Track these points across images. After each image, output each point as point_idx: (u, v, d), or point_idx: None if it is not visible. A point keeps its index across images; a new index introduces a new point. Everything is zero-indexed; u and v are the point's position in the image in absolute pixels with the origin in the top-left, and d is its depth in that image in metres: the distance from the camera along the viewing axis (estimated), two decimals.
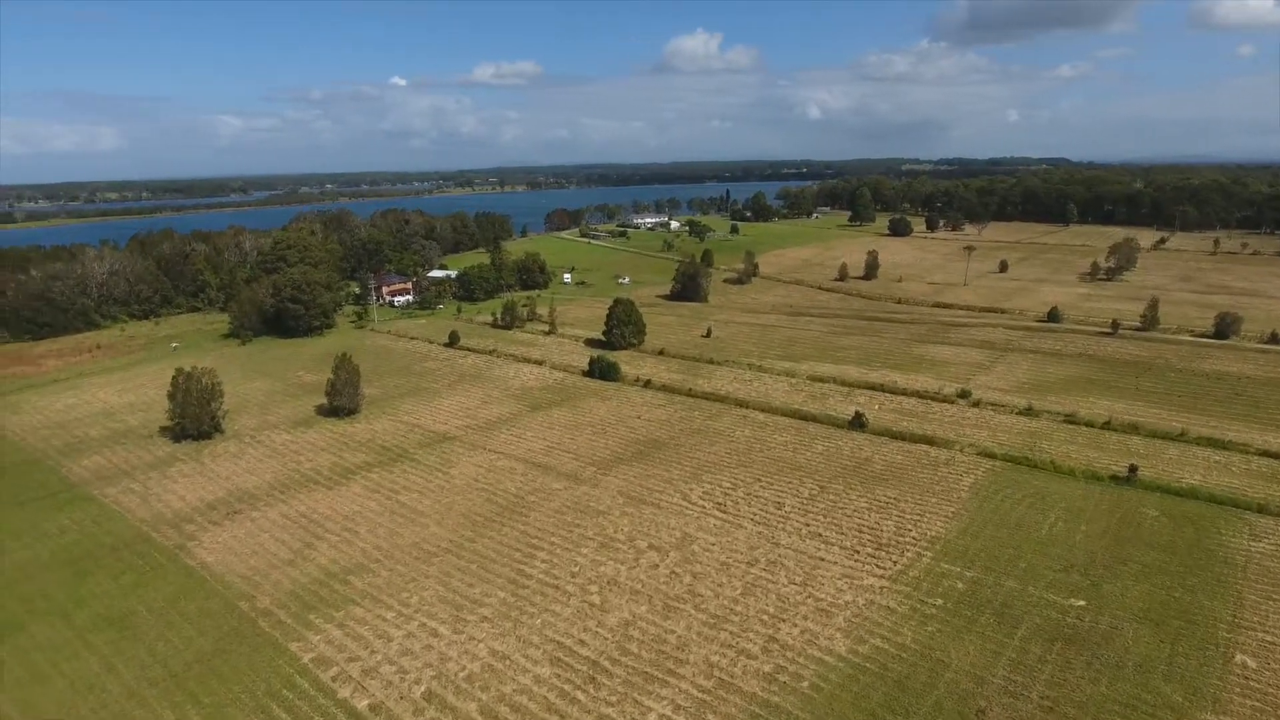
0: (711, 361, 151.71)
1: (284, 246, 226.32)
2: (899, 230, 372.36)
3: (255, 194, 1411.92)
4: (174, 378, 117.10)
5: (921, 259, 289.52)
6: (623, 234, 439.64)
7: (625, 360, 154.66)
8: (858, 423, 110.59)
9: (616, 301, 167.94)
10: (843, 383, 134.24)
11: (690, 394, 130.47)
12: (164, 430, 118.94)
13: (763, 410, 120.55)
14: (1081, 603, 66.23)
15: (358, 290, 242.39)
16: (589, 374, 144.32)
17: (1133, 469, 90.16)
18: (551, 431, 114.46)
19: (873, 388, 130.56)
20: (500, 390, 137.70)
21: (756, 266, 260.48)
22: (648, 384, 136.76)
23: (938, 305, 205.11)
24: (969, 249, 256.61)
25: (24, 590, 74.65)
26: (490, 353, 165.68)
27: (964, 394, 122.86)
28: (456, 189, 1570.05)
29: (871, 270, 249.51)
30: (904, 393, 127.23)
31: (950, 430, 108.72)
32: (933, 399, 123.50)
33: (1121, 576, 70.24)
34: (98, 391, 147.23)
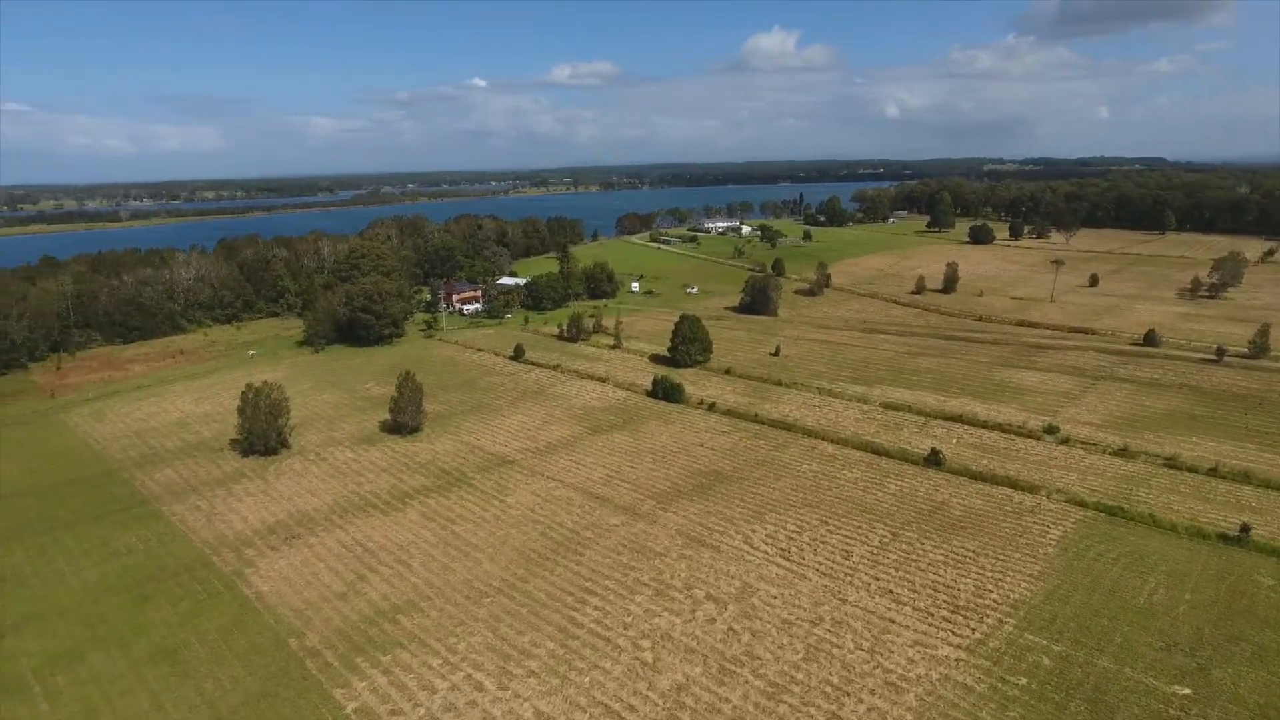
0: (779, 383, 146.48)
1: (358, 255, 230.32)
2: (980, 238, 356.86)
3: (341, 194, 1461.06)
4: (244, 392, 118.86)
5: (1004, 270, 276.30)
6: (693, 239, 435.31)
7: (690, 379, 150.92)
8: (934, 459, 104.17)
9: (683, 318, 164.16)
10: (918, 411, 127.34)
11: (756, 420, 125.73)
12: (234, 444, 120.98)
13: (832, 441, 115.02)
14: (1187, 691, 59.46)
15: (429, 297, 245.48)
16: (652, 394, 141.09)
17: (1245, 528, 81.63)
18: (611, 458, 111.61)
19: (950, 418, 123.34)
20: (562, 409, 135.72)
21: (829, 277, 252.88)
22: (712, 407, 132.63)
23: (1022, 324, 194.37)
24: (1057, 263, 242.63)
25: (88, 613, 75.81)
26: (554, 368, 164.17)
27: (1051, 429, 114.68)
28: (532, 189, 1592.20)
29: (950, 283, 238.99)
30: (984, 425, 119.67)
31: (1035, 471, 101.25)
32: (1016, 433, 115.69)
33: (1233, 660, 62.96)
34: (177, 400, 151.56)
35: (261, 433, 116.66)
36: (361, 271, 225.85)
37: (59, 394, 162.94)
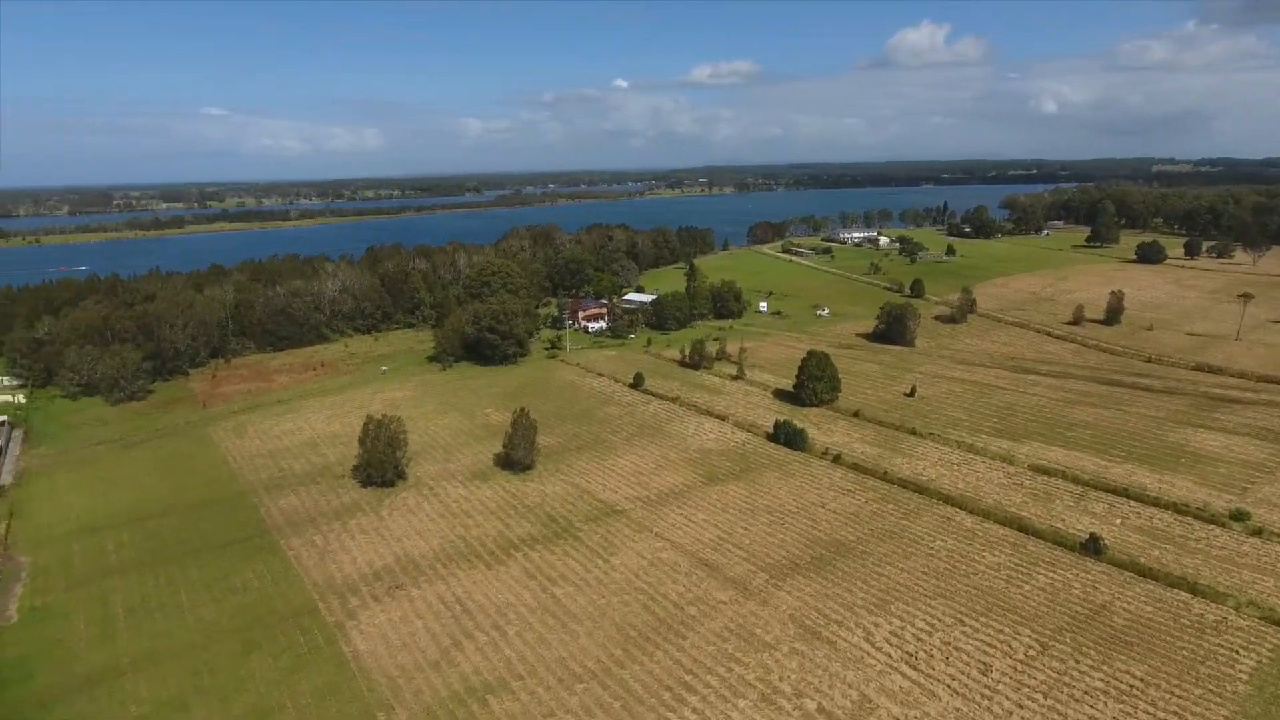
0: (913, 432, 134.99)
1: (489, 273, 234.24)
2: (1149, 256, 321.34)
3: (486, 193, 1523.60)
4: (365, 423, 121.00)
5: (1178, 298, 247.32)
6: (827, 250, 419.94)
7: (815, 421, 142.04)
8: (1093, 546, 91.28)
9: (810, 354, 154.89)
10: (1074, 479, 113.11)
11: (885, 478, 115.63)
12: (355, 471, 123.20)
13: (971, 512, 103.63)
14: None
15: (556, 312, 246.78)
16: (773, 438, 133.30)
17: None
18: (725, 515, 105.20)
19: (1113, 491, 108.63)
20: (677, 451, 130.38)
21: (973, 302, 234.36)
22: (837, 459, 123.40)
23: (1200, 368, 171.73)
24: (1245, 297, 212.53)
25: (198, 660, 77.49)
26: (673, 400, 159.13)
27: (1239, 515, 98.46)
28: (667, 190, 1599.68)
29: (1114, 313, 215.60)
30: (1155, 503, 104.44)
31: (1220, 572, 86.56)
32: (1195, 517, 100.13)
33: None
34: (310, 417, 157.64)
35: (379, 465, 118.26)
36: (491, 289, 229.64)
37: (210, 404, 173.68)
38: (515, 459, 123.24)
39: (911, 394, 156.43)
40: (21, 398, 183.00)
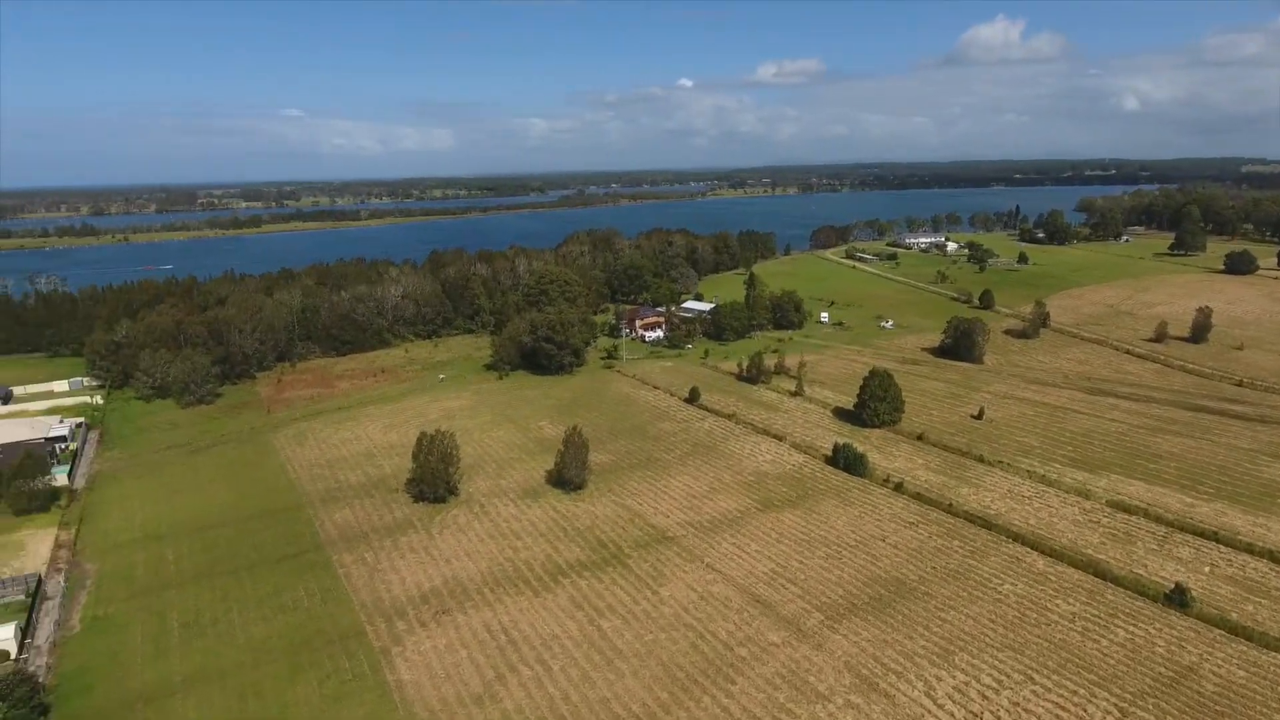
0: (981, 460, 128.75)
1: (547, 281, 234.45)
2: (1239, 267, 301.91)
3: (550, 193, 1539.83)
4: (419, 438, 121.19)
5: (1272, 314, 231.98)
6: (892, 256, 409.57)
7: (876, 444, 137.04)
8: (1178, 598, 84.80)
9: (873, 373, 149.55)
10: (1157, 518, 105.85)
11: (950, 510, 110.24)
12: (408, 484, 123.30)
13: (1043, 552, 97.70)
14: None
15: (613, 320, 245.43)
16: (832, 461, 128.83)
17: None
18: (780, 546, 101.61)
19: (1200, 533, 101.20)
20: (732, 473, 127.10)
21: (1046, 315, 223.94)
22: (899, 487, 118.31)
23: None
24: None
25: (245, 681, 77.96)
26: (729, 417, 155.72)
27: None
28: (729, 190, 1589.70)
29: (1201, 330, 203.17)
30: (1249, 549, 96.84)
31: None
32: None
33: None
34: (369, 426, 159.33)
35: (431, 480, 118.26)
36: (549, 298, 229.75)
37: (274, 410, 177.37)
38: (567, 478, 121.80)
39: (979, 416, 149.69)
40: (99, 398, 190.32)
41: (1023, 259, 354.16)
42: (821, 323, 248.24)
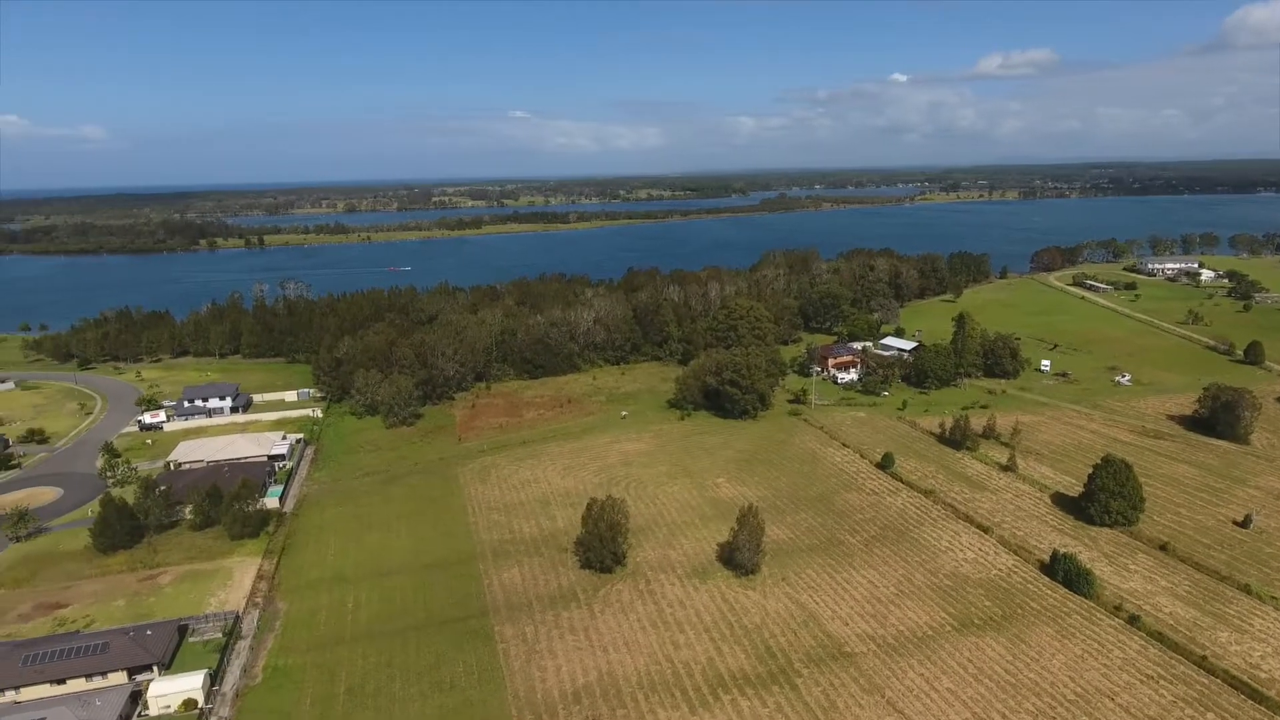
0: (1247, 590, 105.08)
1: (736, 316, 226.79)
2: None
3: (752, 195, 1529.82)
4: (589, 505, 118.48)
5: None
6: (1130, 286, 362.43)
7: (1106, 550, 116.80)
8: None
9: (1106, 461, 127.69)
10: None
11: (1203, 665, 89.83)
12: (577, 545, 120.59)
13: None
14: None
15: (804, 356, 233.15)
16: (1049, 571, 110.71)
17: None
18: (978, 687, 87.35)
19: None
20: (925, 573, 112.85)
21: None
22: (1135, 620, 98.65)
23: None
24: None
25: None
26: (926, 493, 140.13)
27: None
28: (941, 194, 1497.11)
29: None
30: None
31: None
32: None
33: None
34: (548, 467, 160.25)
35: (599, 550, 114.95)
36: (738, 334, 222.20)
37: (465, 438, 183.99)
38: (739, 560, 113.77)
39: (1244, 524, 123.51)
40: (319, 411, 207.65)
41: None
42: (1041, 372, 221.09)
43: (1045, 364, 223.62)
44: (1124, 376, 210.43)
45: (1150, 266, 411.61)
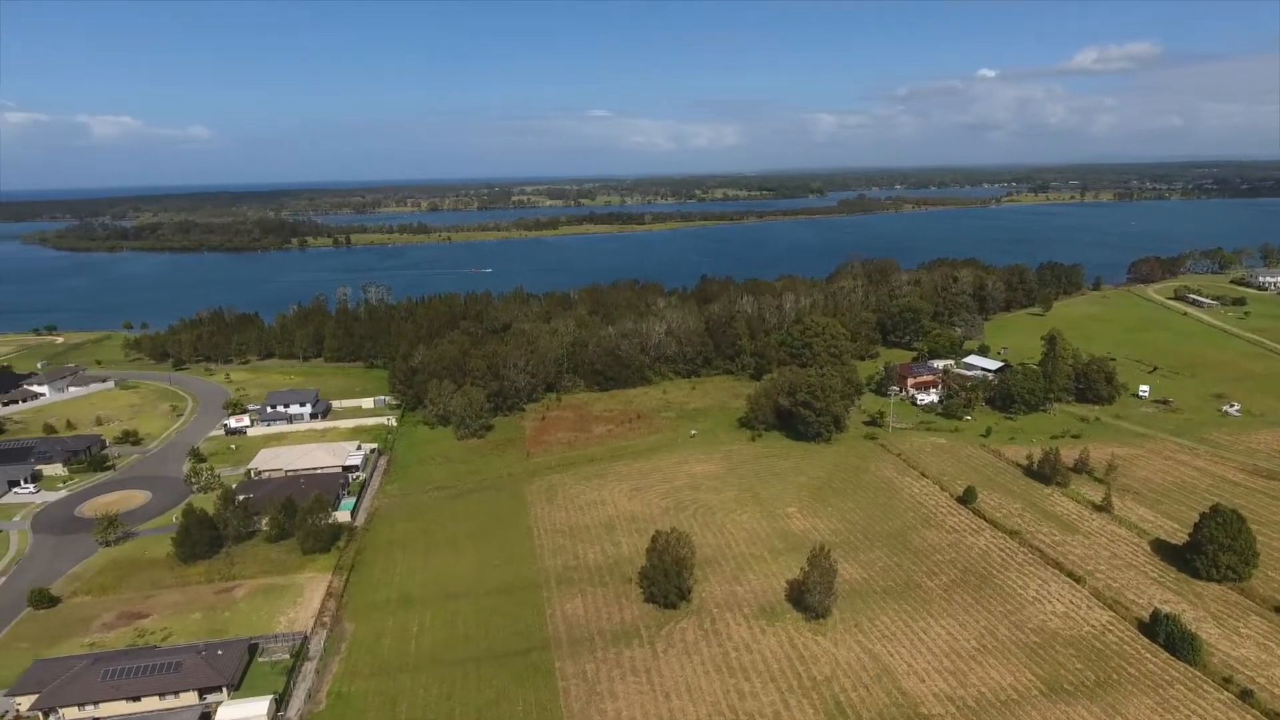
0: None
1: (811, 334, 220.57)
2: None
3: (830, 195, 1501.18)
4: (654, 538, 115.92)
5: None
6: (1239, 301, 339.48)
7: (1213, 609, 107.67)
8: None
9: (1215, 510, 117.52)
10: None
11: None
12: (641, 575, 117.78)
13: None
14: None
15: (881, 374, 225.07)
16: (1149, 632, 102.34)
17: None
18: None
19: None
20: (1009, 625, 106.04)
21: None
22: (1247, 696, 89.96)
23: None
24: None
25: None
26: (1012, 534, 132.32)
27: None
28: (1029, 195, 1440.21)
29: None
30: None
31: None
32: None
33: None
34: (615, 488, 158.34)
35: (663, 585, 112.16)
36: (813, 351, 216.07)
37: (534, 452, 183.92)
38: (809, 603, 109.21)
39: None
40: (394, 420, 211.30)
41: None
42: (1139, 398, 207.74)
43: (1144, 389, 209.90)
44: (1232, 406, 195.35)
45: (1261, 280, 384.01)
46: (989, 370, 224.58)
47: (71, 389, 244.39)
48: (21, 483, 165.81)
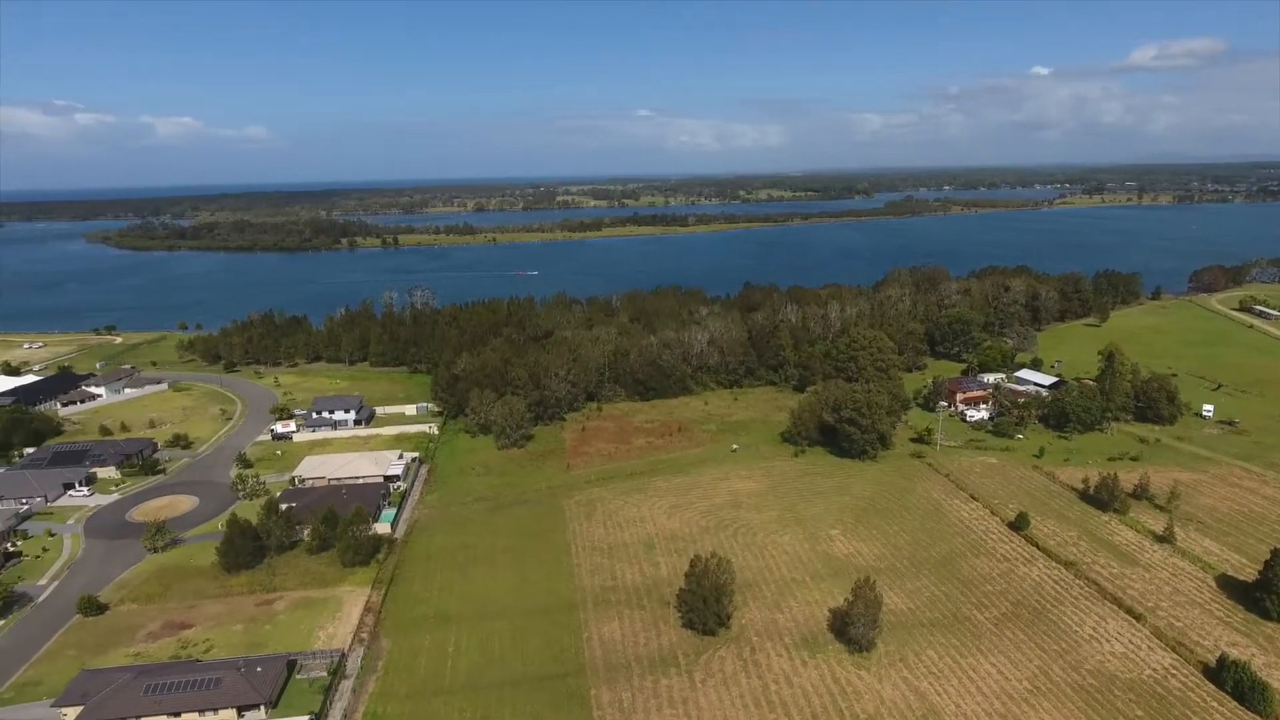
0: None
1: (857, 347, 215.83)
2: None
3: (877, 197, 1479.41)
4: (693, 563, 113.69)
5: None
6: None
7: None
8: None
9: None
10: None
11: None
12: (679, 599, 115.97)
13: None
14: None
15: (928, 388, 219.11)
16: (1214, 678, 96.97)
17: None
18: None
19: None
20: (1064, 665, 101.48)
21: None
22: None
23: None
24: None
25: None
26: (1067, 565, 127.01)
27: None
28: (1083, 198, 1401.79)
29: None
30: None
31: None
32: None
33: None
34: (654, 504, 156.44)
35: (701, 611, 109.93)
36: (859, 365, 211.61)
37: (573, 464, 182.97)
38: (853, 635, 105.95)
39: None
40: (436, 427, 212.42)
41: None
42: (1203, 418, 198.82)
43: (1208, 409, 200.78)
44: None
45: None
46: (1042, 386, 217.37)
47: (127, 390, 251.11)
48: (76, 485, 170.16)
